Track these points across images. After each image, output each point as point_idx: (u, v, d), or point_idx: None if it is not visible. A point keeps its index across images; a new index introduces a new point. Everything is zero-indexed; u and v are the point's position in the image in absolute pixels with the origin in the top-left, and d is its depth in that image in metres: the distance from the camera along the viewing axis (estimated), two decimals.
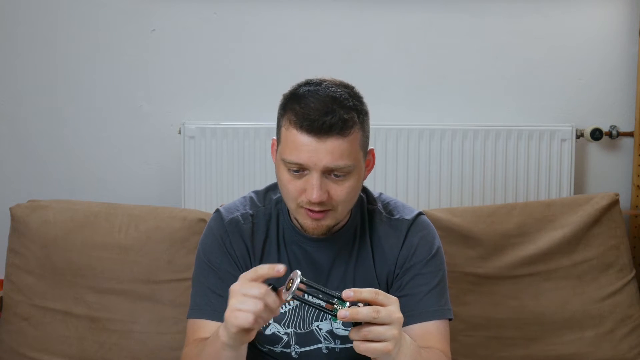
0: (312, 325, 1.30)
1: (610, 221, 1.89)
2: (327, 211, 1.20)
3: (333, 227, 1.24)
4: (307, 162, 1.16)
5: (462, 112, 2.18)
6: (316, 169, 1.16)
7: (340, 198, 1.19)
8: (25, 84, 2.16)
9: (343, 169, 1.17)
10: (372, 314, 0.99)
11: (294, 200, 1.20)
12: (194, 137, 2.07)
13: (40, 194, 2.03)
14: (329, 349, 1.31)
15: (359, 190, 1.25)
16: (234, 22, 2.14)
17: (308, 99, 1.17)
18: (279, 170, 1.21)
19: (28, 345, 1.77)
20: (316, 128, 1.14)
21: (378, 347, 1.00)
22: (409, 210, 1.34)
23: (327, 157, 1.15)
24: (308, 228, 1.22)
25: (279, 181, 1.23)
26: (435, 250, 1.31)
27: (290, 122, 1.17)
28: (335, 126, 1.15)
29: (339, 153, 1.16)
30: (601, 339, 1.81)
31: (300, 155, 1.16)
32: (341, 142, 1.16)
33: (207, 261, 1.30)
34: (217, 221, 1.32)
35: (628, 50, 2.18)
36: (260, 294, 1.00)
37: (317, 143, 1.15)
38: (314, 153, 1.15)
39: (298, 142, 1.16)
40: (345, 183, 1.19)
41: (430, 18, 2.15)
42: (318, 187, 1.16)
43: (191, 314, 1.29)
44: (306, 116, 1.15)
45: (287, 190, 1.20)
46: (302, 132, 1.15)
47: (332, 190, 1.18)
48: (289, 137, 1.17)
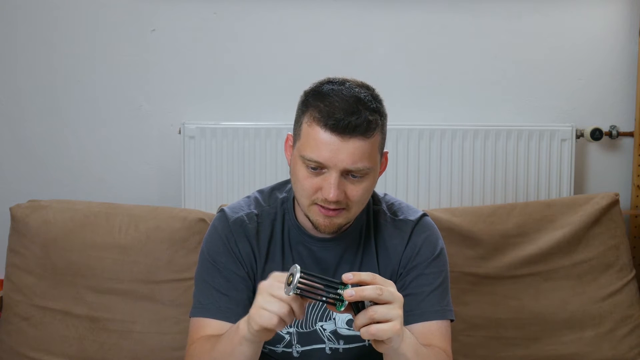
0: (316, 325, 1.30)
1: (610, 221, 1.89)
2: (341, 210, 1.20)
3: (343, 226, 1.24)
4: (327, 161, 1.16)
5: (462, 112, 2.18)
6: (336, 169, 1.16)
7: (355, 198, 1.19)
8: (25, 84, 2.16)
9: (362, 170, 1.17)
10: (376, 291, 1.00)
11: (309, 197, 1.20)
12: (194, 137, 2.07)
13: (40, 194, 2.03)
14: (332, 350, 1.31)
15: (371, 192, 1.25)
16: (234, 22, 2.14)
17: (333, 98, 1.17)
18: (296, 166, 1.21)
19: (28, 345, 1.77)
20: (341, 127, 1.14)
21: (387, 327, 1.00)
22: (413, 211, 1.35)
23: (348, 158, 1.15)
24: (320, 225, 1.21)
25: (294, 177, 1.22)
26: (439, 251, 1.31)
27: (313, 119, 1.17)
28: (360, 127, 1.15)
29: (359, 155, 1.16)
30: (601, 339, 1.81)
31: (321, 153, 1.15)
32: (363, 143, 1.16)
33: (211, 260, 1.30)
34: (221, 221, 1.32)
35: (628, 50, 2.18)
36: (287, 298, 1.01)
37: (339, 142, 1.15)
38: (336, 153, 1.15)
39: (320, 139, 1.16)
40: (362, 184, 1.19)
41: (430, 18, 2.15)
42: (336, 186, 1.16)
43: (194, 312, 1.29)
44: (331, 115, 1.15)
45: (302, 186, 1.20)
46: (326, 130, 1.15)
47: (349, 191, 1.18)
48: (311, 134, 1.17)
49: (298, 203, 1.25)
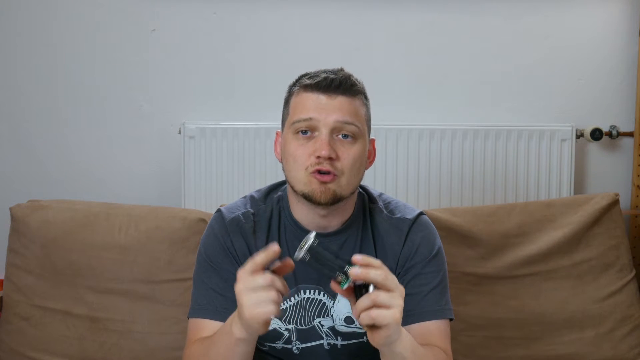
0: (314, 321, 1.31)
1: (610, 221, 1.89)
2: (334, 176, 1.22)
3: (339, 198, 1.24)
4: (317, 116, 1.22)
5: (462, 112, 2.18)
6: (325, 125, 1.22)
7: (347, 162, 1.22)
8: (25, 84, 2.16)
9: (351, 126, 1.23)
10: (381, 275, 1.02)
11: (303, 165, 1.22)
12: (194, 137, 2.07)
13: (40, 194, 2.03)
14: (331, 345, 1.32)
15: (363, 165, 1.28)
16: (234, 22, 2.14)
17: (318, 70, 1.28)
18: (287, 142, 1.25)
19: (28, 345, 1.77)
20: (325, 86, 1.23)
21: (387, 313, 1.01)
22: (410, 210, 1.35)
23: (336, 112, 1.22)
24: (315, 193, 1.22)
25: (287, 154, 1.25)
26: (437, 250, 1.31)
27: (300, 88, 1.26)
28: (344, 84, 1.24)
29: (347, 110, 1.23)
30: (601, 339, 1.81)
31: (310, 111, 1.23)
32: (349, 101, 1.24)
33: (208, 261, 1.30)
34: (218, 221, 1.33)
35: (628, 50, 2.18)
36: (267, 282, 1.02)
37: (326, 99, 1.23)
38: (324, 108, 1.22)
39: (307, 100, 1.24)
40: (352, 148, 1.24)
41: (430, 18, 2.16)
42: (327, 142, 1.21)
43: (192, 313, 1.29)
44: (315, 78, 1.25)
45: (295, 156, 1.23)
46: (313, 90, 1.24)
47: (340, 152, 1.22)
48: (299, 100, 1.25)
49: (293, 184, 1.26)
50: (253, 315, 1.02)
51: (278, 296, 1.02)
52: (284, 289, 1.04)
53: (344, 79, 1.24)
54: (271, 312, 1.02)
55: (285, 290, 1.05)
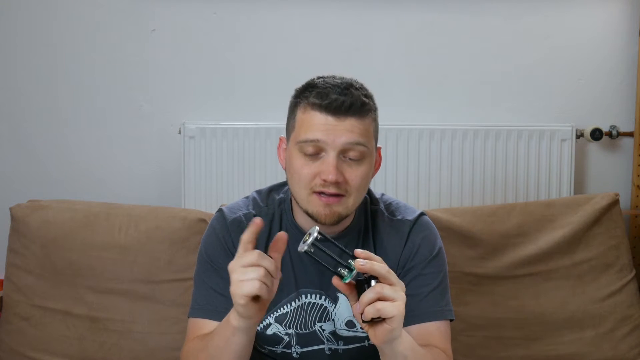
0: (315, 326, 1.30)
1: (610, 221, 1.89)
2: (340, 197, 1.20)
3: (343, 218, 1.23)
4: (325, 139, 1.17)
5: (462, 112, 2.18)
6: (333, 148, 1.18)
7: (354, 183, 1.20)
8: (25, 84, 2.16)
9: (359, 148, 1.19)
10: (385, 268, 1.02)
11: (307, 185, 1.20)
12: (194, 137, 2.07)
13: (40, 194, 2.03)
14: (332, 350, 1.31)
15: (369, 181, 1.26)
16: (234, 22, 2.14)
17: (325, 85, 1.20)
18: (292, 158, 1.22)
19: (28, 345, 1.77)
20: (335, 108, 1.17)
21: (392, 305, 1.00)
22: (411, 211, 1.35)
23: (345, 134, 1.17)
24: (320, 216, 1.20)
25: (291, 170, 1.22)
26: (437, 250, 1.31)
27: (308, 105, 1.20)
28: (354, 106, 1.18)
29: (357, 132, 1.19)
30: (601, 339, 1.81)
31: (318, 133, 1.17)
32: (359, 122, 1.19)
33: (209, 261, 1.30)
34: (219, 221, 1.32)
35: (628, 50, 2.18)
36: (255, 259, 1.02)
37: (335, 121, 1.18)
38: (332, 131, 1.17)
39: (316, 121, 1.18)
40: (360, 168, 1.20)
41: (430, 18, 2.15)
42: (334, 166, 1.17)
43: (192, 313, 1.29)
44: (325, 96, 1.18)
45: (300, 175, 1.20)
46: (322, 111, 1.18)
47: (347, 174, 1.19)
48: (307, 118, 1.19)
49: (296, 199, 1.24)
50: (236, 290, 1.02)
51: (265, 275, 1.01)
52: (272, 268, 1.03)
53: (354, 100, 1.18)
54: (254, 288, 1.01)
55: (276, 271, 1.04)
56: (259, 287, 1.01)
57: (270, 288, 1.03)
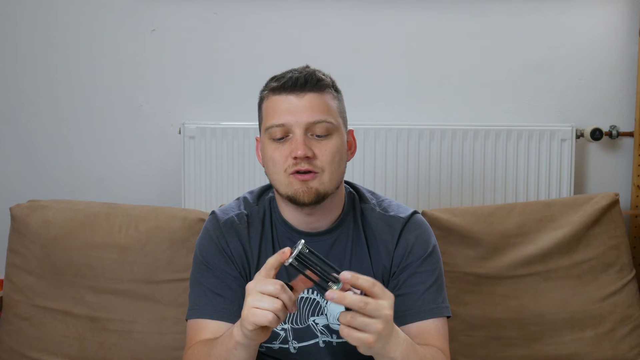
0: (309, 320, 1.31)
1: (610, 221, 1.89)
2: (314, 173, 1.22)
3: (322, 196, 1.24)
4: (289, 120, 1.22)
5: (462, 112, 2.18)
6: (298, 127, 1.22)
7: (325, 157, 1.22)
8: (25, 84, 2.16)
9: (323, 124, 1.23)
10: (359, 303, 1.00)
11: (282, 168, 1.23)
12: (194, 137, 2.07)
13: (40, 194, 2.03)
14: (326, 343, 1.32)
15: (343, 160, 1.27)
16: (234, 22, 2.14)
17: (284, 72, 1.28)
18: (265, 147, 1.26)
19: (28, 345, 1.77)
20: (291, 85, 1.23)
21: (359, 336, 1.01)
22: (403, 209, 1.35)
23: (306, 112, 1.22)
24: (299, 194, 1.22)
25: (266, 160, 1.26)
26: (432, 248, 1.31)
27: (269, 92, 1.26)
28: (310, 82, 1.23)
29: (318, 108, 1.23)
30: (601, 339, 1.81)
31: (281, 115, 1.23)
32: (318, 97, 1.24)
33: (204, 262, 1.31)
34: (212, 222, 1.34)
35: (628, 50, 2.18)
36: (275, 290, 1.01)
37: (296, 100, 1.23)
38: (294, 110, 1.22)
39: (278, 104, 1.24)
40: (329, 143, 1.23)
41: (430, 18, 2.16)
42: (302, 142, 1.21)
43: (191, 314, 1.30)
44: (282, 78, 1.25)
45: (273, 160, 1.24)
46: (281, 92, 1.24)
47: (316, 150, 1.22)
48: (270, 105, 1.25)
49: (277, 188, 1.26)
50: (248, 316, 1.02)
51: (282, 308, 1.01)
52: (289, 303, 1.02)
53: (309, 75, 1.24)
54: (266, 320, 1.00)
55: (292, 306, 1.03)
56: (270, 320, 1.01)
57: (282, 319, 1.03)
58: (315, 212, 1.27)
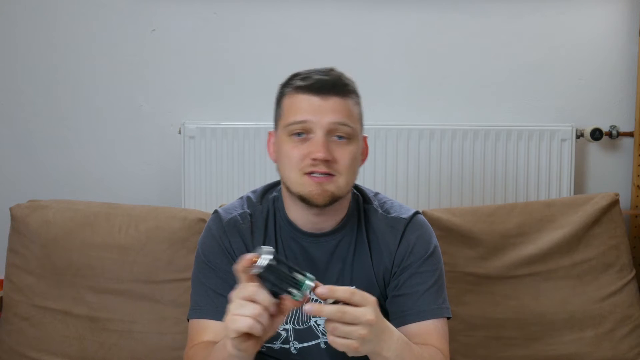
0: (311, 320, 1.31)
1: (610, 221, 1.89)
2: (331, 176, 1.21)
3: (336, 199, 1.23)
4: (312, 118, 1.21)
5: (462, 112, 2.18)
6: (321, 127, 1.21)
7: (344, 162, 1.22)
8: (25, 84, 2.16)
9: (345, 128, 1.22)
10: (336, 314, 1.00)
11: (297, 167, 1.21)
12: (194, 137, 2.07)
13: (40, 194, 2.03)
14: (327, 344, 1.31)
15: (358, 165, 1.27)
16: (234, 22, 2.14)
17: (308, 71, 1.27)
18: (282, 142, 1.24)
19: (28, 345, 1.77)
20: (318, 87, 1.22)
21: (343, 343, 1.01)
22: (405, 209, 1.35)
23: (330, 114, 1.21)
24: (312, 195, 1.21)
25: (282, 154, 1.24)
26: (433, 249, 1.31)
27: (292, 90, 1.25)
28: (337, 86, 1.23)
29: (341, 111, 1.22)
30: (601, 339, 1.81)
31: (304, 113, 1.21)
32: (343, 102, 1.23)
33: (206, 261, 1.30)
34: (215, 222, 1.33)
35: (628, 50, 2.18)
36: (249, 293, 0.99)
37: (320, 101, 1.22)
38: (318, 111, 1.21)
39: (303, 102, 1.23)
40: (348, 147, 1.23)
41: (430, 18, 2.16)
42: (323, 144, 1.20)
43: (193, 314, 1.29)
44: (308, 78, 1.24)
45: (290, 158, 1.22)
46: (306, 92, 1.23)
47: (336, 153, 1.22)
48: (293, 102, 1.24)
49: (288, 185, 1.25)
50: (229, 323, 1.00)
51: (260, 313, 0.98)
52: (267, 302, 0.98)
53: (336, 80, 1.24)
54: (245, 325, 0.98)
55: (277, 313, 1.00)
56: (250, 325, 0.98)
57: (267, 326, 1.00)
58: (323, 213, 1.26)
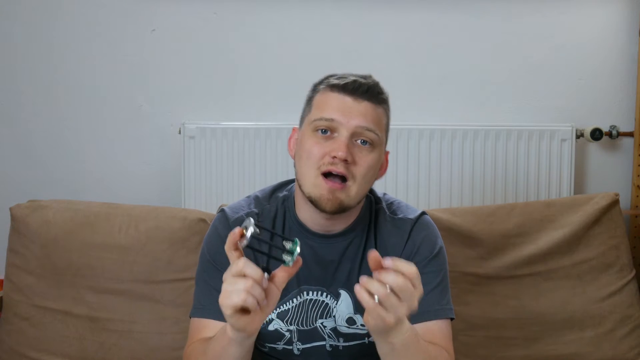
0: (316, 322, 1.30)
1: (610, 221, 1.89)
2: (345, 184, 1.20)
3: (345, 208, 1.22)
4: (339, 118, 1.20)
5: (462, 112, 2.18)
6: (347, 129, 1.20)
7: (362, 168, 1.21)
8: (25, 84, 2.16)
9: (371, 134, 1.21)
10: (403, 285, 0.98)
11: (316, 164, 1.20)
12: (194, 137, 2.07)
13: (40, 194, 2.03)
14: (333, 347, 1.32)
15: (374, 176, 1.27)
16: (234, 22, 2.14)
17: (345, 74, 1.26)
18: (305, 138, 1.24)
19: (28, 345, 1.76)
20: (353, 88, 1.22)
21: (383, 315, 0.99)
22: (412, 210, 1.35)
23: (359, 117, 1.21)
24: (322, 199, 1.20)
25: (302, 150, 1.23)
26: (438, 250, 1.31)
27: (327, 88, 1.24)
28: (371, 91, 1.23)
29: (371, 117, 1.22)
30: (601, 339, 1.81)
31: (333, 111, 1.21)
32: (374, 108, 1.23)
33: (211, 260, 1.29)
34: (221, 220, 1.32)
35: (628, 50, 2.18)
36: (239, 267, 0.99)
37: (352, 102, 1.22)
38: (349, 111, 1.21)
39: (332, 100, 1.22)
40: (370, 155, 1.22)
41: (430, 18, 2.16)
42: (345, 144, 1.19)
43: (195, 312, 1.29)
44: (344, 79, 1.23)
45: (310, 153, 1.21)
46: (340, 91, 1.22)
47: (357, 157, 1.21)
48: (324, 99, 1.24)
49: (302, 184, 1.24)
50: (223, 301, 0.99)
51: (252, 286, 0.98)
52: (257, 275, 0.98)
53: (372, 85, 1.24)
54: (240, 299, 0.97)
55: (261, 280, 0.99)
56: (243, 299, 0.97)
57: (261, 300, 0.99)
58: (334, 217, 1.26)
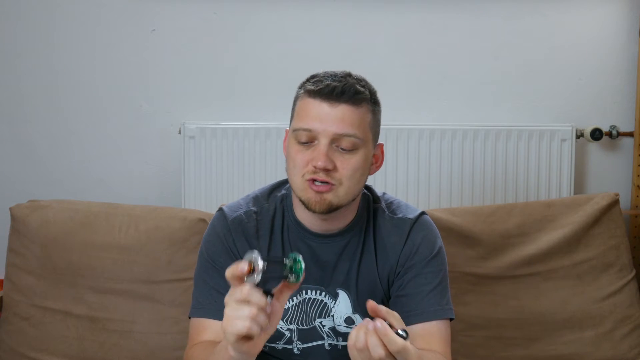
0: (315, 321, 1.30)
1: (610, 221, 1.89)
2: (331, 186, 1.20)
3: (335, 208, 1.22)
4: (317, 127, 1.19)
5: (462, 112, 2.18)
6: (325, 136, 1.19)
7: (345, 172, 1.20)
8: (25, 84, 2.16)
9: (351, 138, 1.20)
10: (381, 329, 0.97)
11: (300, 172, 1.21)
12: (194, 137, 2.07)
13: (40, 194, 2.03)
14: (332, 346, 1.32)
15: (364, 174, 1.26)
16: (234, 22, 2.14)
17: (325, 73, 1.25)
18: (290, 145, 1.24)
19: (28, 345, 1.77)
20: (327, 93, 1.19)
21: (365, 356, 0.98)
22: (411, 210, 1.35)
23: (336, 123, 1.19)
24: (311, 202, 1.21)
25: (289, 157, 1.24)
26: (437, 250, 1.31)
27: (305, 93, 1.23)
28: (347, 93, 1.20)
29: (349, 121, 1.20)
30: (601, 339, 1.81)
31: (310, 121, 1.20)
32: (352, 110, 1.20)
33: (210, 260, 1.30)
34: (220, 220, 1.32)
35: (628, 50, 2.18)
36: (244, 295, 0.97)
37: (328, 108, 1.20)
38: (325, 118, 1.19)
39: (310, 108, 1.21)
40: (352, 158, 1.21)
41: (430, 18, 2.15)
42: (324, 153, 1.19)
43: (194, 312, 1.29)
44: (320, 83, 1.21)
45: (294, 161, 1.22)
46: (315, 97, 1.20)
47: (338, 163, 1.20)
48: (303, 107, 1.22)
49: (293, 187, 1.25)
50: (227, 327, 0.98)
51: (257, 313, 0.97)
52: (263, 303, 0.97)
53: (347, 87, 1.20)
54: (244, 327, 0.96)
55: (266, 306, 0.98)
56: (248, 327, 0.96)
57: (264, 326, 0.99)
58: (329, 217, 1.26)
